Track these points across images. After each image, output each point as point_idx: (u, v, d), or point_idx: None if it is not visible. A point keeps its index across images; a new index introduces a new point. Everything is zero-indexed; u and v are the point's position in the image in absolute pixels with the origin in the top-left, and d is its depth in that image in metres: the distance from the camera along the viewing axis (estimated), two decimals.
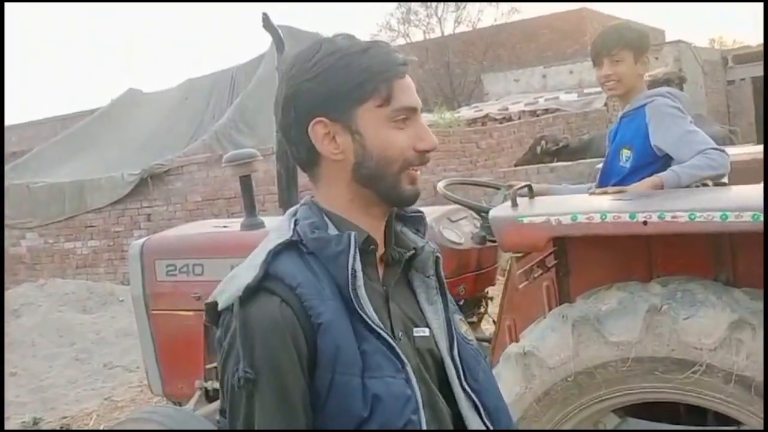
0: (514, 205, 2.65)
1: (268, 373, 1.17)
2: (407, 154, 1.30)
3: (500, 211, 2.69)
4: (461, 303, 3.37)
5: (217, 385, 3.29)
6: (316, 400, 1.20)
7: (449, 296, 1.44)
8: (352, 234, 1.27)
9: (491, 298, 3.56)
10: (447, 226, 3.33)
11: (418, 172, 1.33)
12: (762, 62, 18.69)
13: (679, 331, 2.26)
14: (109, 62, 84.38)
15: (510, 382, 2.51)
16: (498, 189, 3.29)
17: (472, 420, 1.32)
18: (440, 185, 3.35)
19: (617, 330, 2.34)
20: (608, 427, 2.49)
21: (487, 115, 16.35)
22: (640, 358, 2.31)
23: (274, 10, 23.39)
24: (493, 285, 3.61)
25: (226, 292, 1.24)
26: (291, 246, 1.27)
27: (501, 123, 15.04)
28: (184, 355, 3.40)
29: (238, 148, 6.85)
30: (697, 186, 2.85)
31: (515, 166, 11.39)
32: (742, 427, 2.32)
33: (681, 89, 5.14)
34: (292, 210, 1.37)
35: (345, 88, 1.27)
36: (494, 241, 2.89)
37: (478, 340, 3.43)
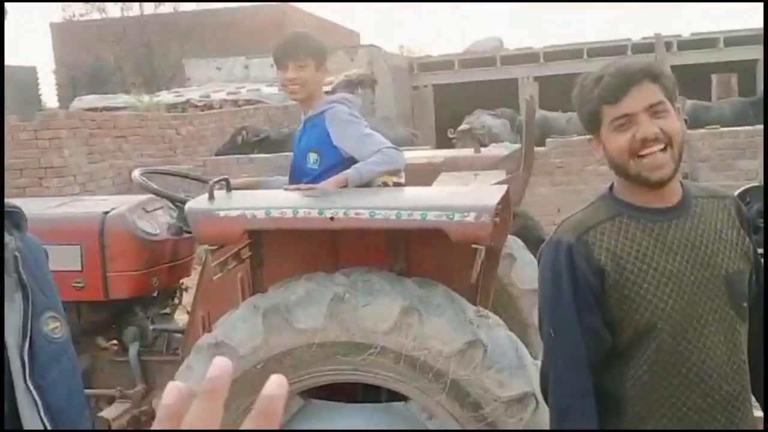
0: (211, 197, 2.69)
1: None
2: None
3: (197, 203, 2.72)
4: (155, 294, 3.33)
5: None
6: None
7: (47, 293, 1.47)
8: None
9: (185, 289, 3.57)
10: (142, 216, 3.27)
11: None
12: (442, 71, 20.74)
13: (359, 317, 2.49)
14: None
15: (200, 373, 2.55)
16: (206, 183, 3.30)
17: (29, 416, 1.37)
18: (136, 173, 3.27)
19: (304, 318, 2.50)
20: (293, 410, 2.65)
21: (188, 101, 16.05)
22: (323, 343, 2.49)
23: None
24: (189, 276, 3.62)
25: None
26: None
27: (202, 110, 14.84)
28: None
29: None
30: (379, 186, 3.15)
31: (216, 155, 11.36)
32: (410, 401, 2.63)
33: (373, 90, 5.57)
34: None
35: None
36: (191, 232, 2.91)
37: (172, 331, 3.45)
